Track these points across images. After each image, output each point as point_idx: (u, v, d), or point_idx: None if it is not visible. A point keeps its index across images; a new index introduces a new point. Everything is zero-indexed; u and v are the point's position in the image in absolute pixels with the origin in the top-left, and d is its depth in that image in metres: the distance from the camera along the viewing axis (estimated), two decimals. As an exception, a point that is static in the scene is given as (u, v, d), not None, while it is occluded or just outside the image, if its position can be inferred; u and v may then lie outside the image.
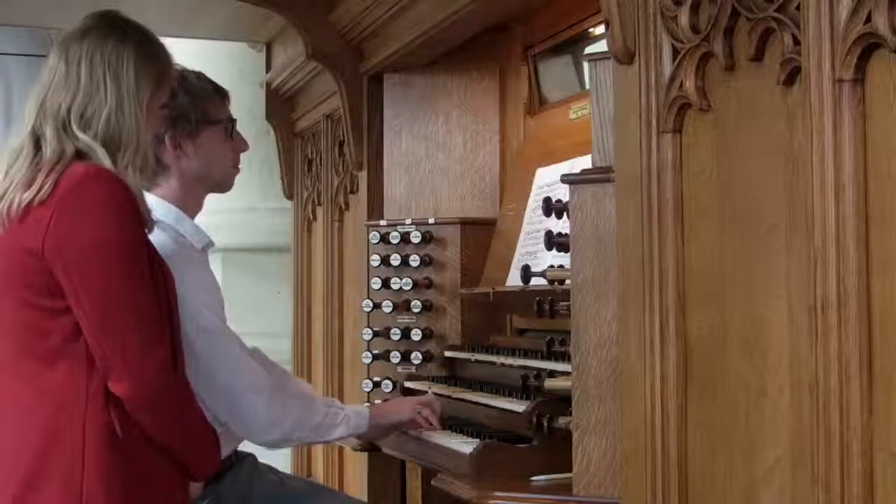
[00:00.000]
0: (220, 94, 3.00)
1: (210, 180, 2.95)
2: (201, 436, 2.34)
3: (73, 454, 2.15)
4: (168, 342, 2.24)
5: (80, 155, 2.26)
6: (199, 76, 2.98)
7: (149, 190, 2.86)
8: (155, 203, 2.85)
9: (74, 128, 2.27)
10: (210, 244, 2.93)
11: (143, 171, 2.33)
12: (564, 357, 2.81)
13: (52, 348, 2.20)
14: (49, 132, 2.27)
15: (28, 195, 2.21)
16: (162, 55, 2.43)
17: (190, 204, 2.92)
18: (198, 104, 2.91)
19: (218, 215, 3.53)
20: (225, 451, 2.87)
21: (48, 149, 2.26)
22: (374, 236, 3.86)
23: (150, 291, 2.22)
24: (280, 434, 2.83)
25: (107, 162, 2.24)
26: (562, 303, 2.65)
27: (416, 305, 3.74)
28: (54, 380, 2.19)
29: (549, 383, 2.77)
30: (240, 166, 3.04)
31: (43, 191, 2.20)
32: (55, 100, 2.30)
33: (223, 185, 3.01)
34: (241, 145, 3.04)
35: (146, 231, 2.31)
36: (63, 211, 2.18)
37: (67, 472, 2.15)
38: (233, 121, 3.00)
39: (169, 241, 2.79)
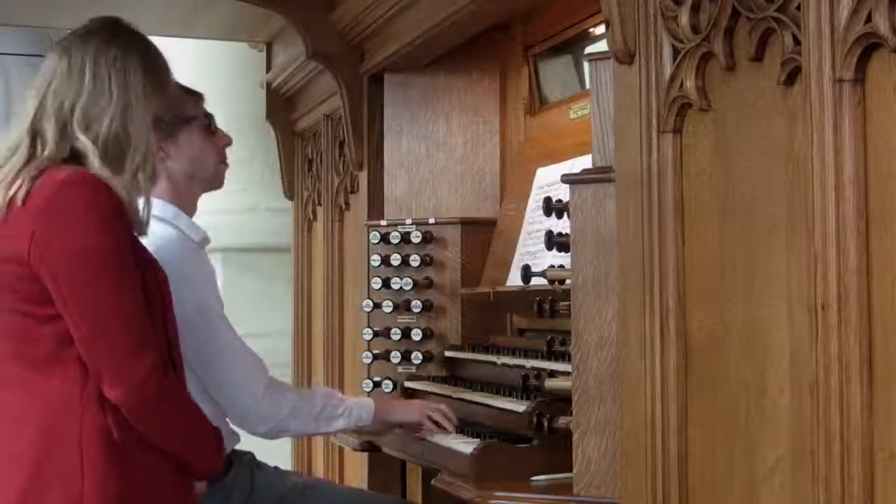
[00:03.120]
0: (192, 94, 3.02)
1: (198, 178, 2.99)
2: (201, 436, 2.31)
3: (72, 459, 2.14)
4: (158, 346, 2.21)
5: (73, 156, 2.25)
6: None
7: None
8: (154, 204, 2.88)
9: (76, 127, 2.25)
10: (206, 240, 2.97)
11: (153, 178, 2.34)
12: (565, 357, 2.81)
13: (44, 355, 2.19)
14: (49, 131, 2.25)
15: (10, 194, 2.20)
16: (166, 67, 2.42)
17: (184, 204, 2.96)
18: (165, 109, 2.89)
19: (218, 215, 3.54)
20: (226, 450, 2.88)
21: (44, 149, 2.24)
22: (375, 236, 3.86)
23: (138, 295, 2.19)
24: (276, 424, 2.84)
25: (97, 165, 2.22)
26: (562, 303, 2.65)
27: (416, 305, 3.74)
28: (49, 386, 2.18)
29: (550, 383, 2.77)
30: (227, 161, 3.07)
31: (22, 190, 2.18)
32: (57, 97, 2.28)
33: (213, 182, 3.05)
34: (223, 140, 3.06)
35: (135, 234, 2.28)
36: (47, 218, 2.16)
37: (67, 476, 2.14)
38: (209, 116, 3.02)
39: (171, 231, 2.86)
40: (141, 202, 2.30)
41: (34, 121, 2.28)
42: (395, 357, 3.77)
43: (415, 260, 3.77)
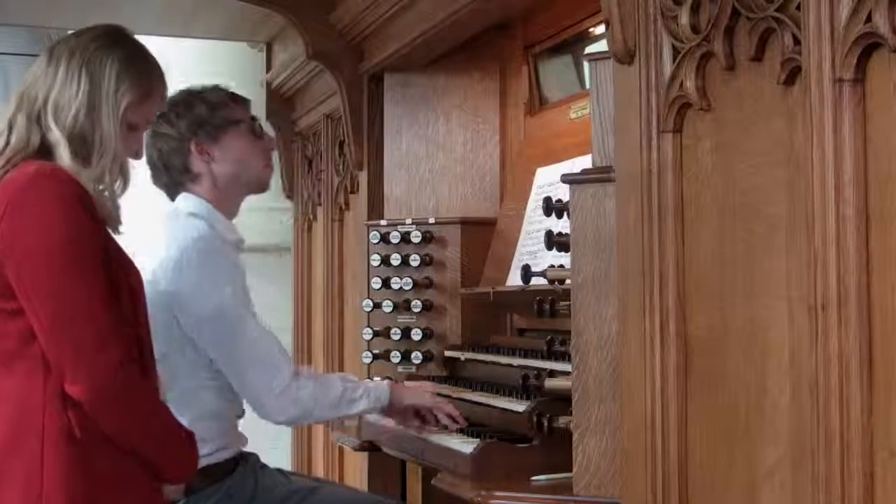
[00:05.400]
0: (237, 100, 3.11)
1: (242, 181, 3.06)
2: (168, 437, 2.27)
3: (32, 456, 2.11)
4: (124, 343, 2.18)
5: (44, 148, 2.24)
6: (216, 88, 3.10)
7: (178, 193, 3.02)
8: (191, 199, 2.99)
9: (50, 119, 2.25)
10: (241, 241, 3.04)
11: (124, 183, 2.31)
12: (564, 357, 2.81)
13: (7, 350, 2.17)
14: (20, 121, 2.26)
15: None
16: (153, 74, 2.38)
17: (224, 207, 3.03)
18: (216, 109, 3.03)
19: (218, 215, 3.53)
20: (230, 452, 2.88)
21: (13, 138, 2.24)
22: (375, 236, 3.86)
23: (104, 291, 2.16)
24: (298, 411, 2.88)
25: (67, 158, 2.21)
26: (562, 302, 2.65)
27: (416, 305, 3.74)
28: (11, 382, 2.16)
29: (550, 383, 2.76)
30: (272, 164, 3.16)
31: None
32: (33, 92, 2.29)
33: (258, 185, 3.13)
34: (269, 143, 3.16)
35: (106, 230, 2.25)
36: (14, 211, 2.14)
37: (26, 473, 2.11)
38: (255, 119, 3.10)
39: (205, 227, 2.92)
40: (109, 202, 2.28)
41: (12, 114, 2.28)
42: (395, 357, 3.77)
43: (415, 260, 3.77)
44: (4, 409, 2.16)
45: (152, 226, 2.98)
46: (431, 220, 3.81)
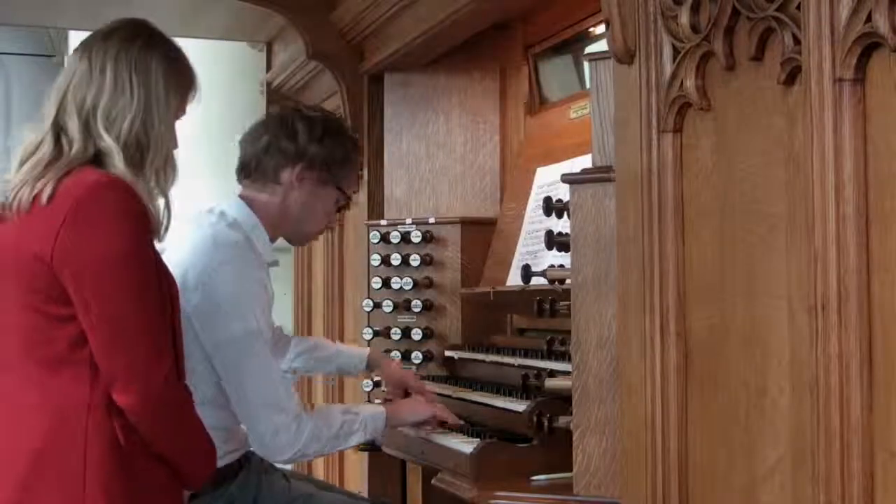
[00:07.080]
0: (356, 167, 3.11)
1: (293, 227, 3.03)
2: (199, 445, 2.31)
3: (75, 461, 2.13)
4: (172, 355, 2.22)
5: (98, 156, 2.24)
6: (352, 139, 3.07)
7: (246, 180, 2.99)
8: (241, 209, 2.94)
9: (100, 127, 2.24)
10: (275, 263, 3.00)
11: (173, 180, 2.32)
12: (565, 357, 2.81)
13: (56, 355, 2.18)
14: (73, 128, 2.25)
15: (36, 189, 2.19)
16: (190, 70, 2.41)
17: (272, 229, 2.99)
18: (345, 162, 3.00)
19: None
20: (235, 455, 2.87)
21: (71, 146, 2.23)
22: (375, 236, 3.86)
23: (159, 303, 2.20)
24: (294, 453, 2.81)
25: (122, 167, 2.22)
26: (562, 302, 2.65)
27: (416, 305, 3.74)
28: (58, 386, 2.17)
29: (550, 383, 2.77)
30: (320, 235, 3.20)
31: (48, 188, 2.18)
32: (78, 95, 2.27)
33: (298, 238, 3.13)
34: (335, 221, 3.15)
35: (154, 239, 2.27)
36: (74, 220, 2.15)
37: (68, 478, 2.13)
38: (349, 199, 3.10)
39: (241, 239, 2.87)
40: (161, 203, 2.29)
41: (56, 118, 2.27)
42: (396, 356, 3.77)
43: (415, 259, 3.77)
44: (48, 413, 2.17)
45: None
46: (431, 220, 3.81)
